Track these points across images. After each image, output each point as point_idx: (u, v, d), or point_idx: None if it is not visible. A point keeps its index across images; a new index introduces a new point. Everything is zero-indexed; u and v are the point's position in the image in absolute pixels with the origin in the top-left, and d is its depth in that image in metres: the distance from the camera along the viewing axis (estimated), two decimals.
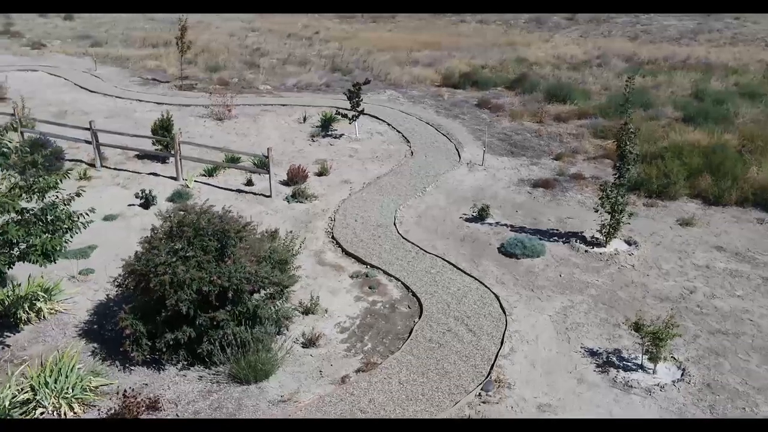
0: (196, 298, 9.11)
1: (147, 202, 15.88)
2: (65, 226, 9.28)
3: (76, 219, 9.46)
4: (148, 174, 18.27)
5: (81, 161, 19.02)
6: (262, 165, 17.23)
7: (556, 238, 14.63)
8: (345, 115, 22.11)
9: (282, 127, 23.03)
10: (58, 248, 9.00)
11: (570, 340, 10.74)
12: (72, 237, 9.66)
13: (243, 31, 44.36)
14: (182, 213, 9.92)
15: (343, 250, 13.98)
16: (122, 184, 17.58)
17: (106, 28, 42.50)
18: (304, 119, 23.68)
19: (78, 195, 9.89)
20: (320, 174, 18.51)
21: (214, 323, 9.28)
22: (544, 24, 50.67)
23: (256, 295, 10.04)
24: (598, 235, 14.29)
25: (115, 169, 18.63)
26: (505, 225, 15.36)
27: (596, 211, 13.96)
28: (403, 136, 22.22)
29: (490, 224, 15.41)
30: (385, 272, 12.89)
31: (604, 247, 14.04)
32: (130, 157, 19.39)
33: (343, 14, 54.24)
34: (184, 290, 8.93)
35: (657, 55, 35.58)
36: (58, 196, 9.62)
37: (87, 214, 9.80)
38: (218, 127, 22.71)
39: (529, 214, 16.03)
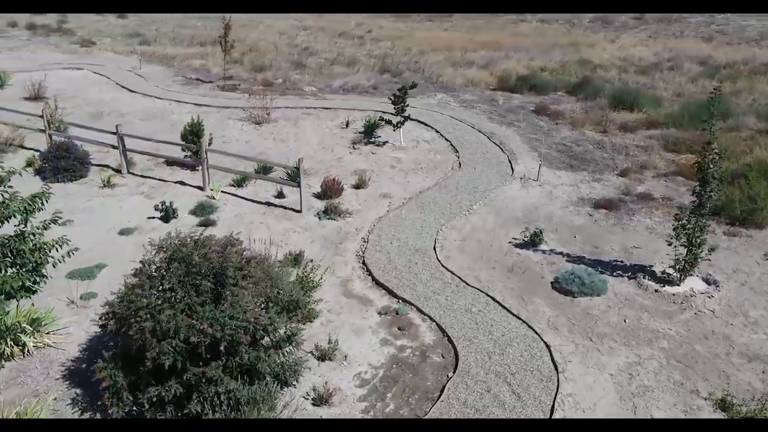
0: (185, 348, 7.66)
1: (167, 215, 14.65)
2: (33, 260, 7.96)
3: (47, 252, 8.12)
4: (176, 182, 17.10)
5: (108, 167, 18.02)
6: (294, 177, 15.79)
7: (620, 272, 12.65)
8: (389, 122, 20.51)
9: (323, 133, 21.60)
10: (23, 286, 7.70)
11: (636, 410, 8.85)
12: (44, 273, 8.32)
13: (294, 29, 43.30)
14: (176, 244, 8.45)
15: (374, 278, 12.37)
16: (146, 193, 16.44)
17: (157, 26, 42.09)
18: (347, 124, 22.20)
19: (54, 222, 8.55)
20: (357, 186, 16.97)
21: (205, 379, 7.81)
22: (610, 24, 47.84)
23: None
24: (670, 270, 12.25)
25: (141, 176, 17.54)
26: (561, 253, 13.46)
27: (669, 243, 11.91)
28: (451, 144, 20.46)
29: (544, 252, 13.53)
30: (418, 309, 11.22)
31: (678, 285, 11.99)
32: (158, 163, 18.29)
33: (398, 13, 52.63)
34: (168, 341, 7.48)
35: (735, 58, 32.63)
36: (30, 223, 8.30)
37: (60, 247, 8.39)
38: (255, 132, 21.46)
39: (588, 241, 14.07)
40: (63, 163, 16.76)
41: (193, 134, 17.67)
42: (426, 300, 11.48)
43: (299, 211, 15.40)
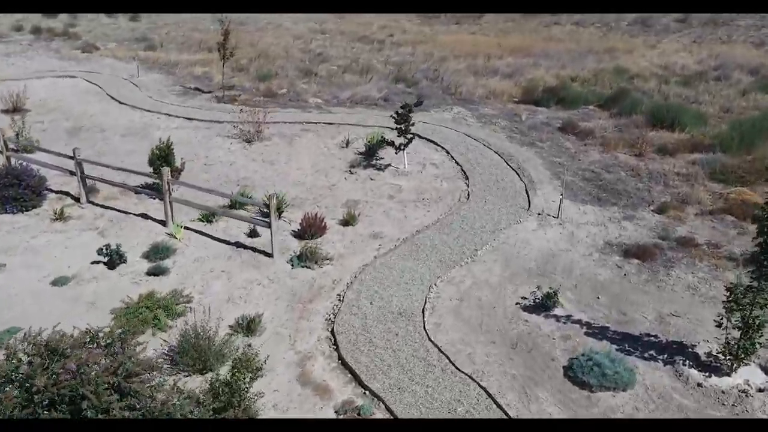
0: None
1: (112, 261, 12.46)
2: None
3: None
4: (138, 215, 14.94)
5: (68, 194, 15.97)
6: (266, 214, 13.47)
7: (653, 352, 10.01)
8: (391, 143, 18.09)
9: (319, 153, 19.26)
10: None
11: None
12: None
13: (311, 33, 41.12)
14: (14, 363, 6.12)
15: (340, 357, 9.95)
16: (101, 228, 14.30)
17: (168, 30, 40.30)
18: (347, 143, 19.82)
19: None
20: (346, 223, 14.58)
21: None
22: (651, 27, 44.48)
23: None
24: (718, 353, 9.57)
25: (102, 206, 15.43)
26: (579, 322, 10.87)
27: (719, 325, 9.23)
28: (461, 170, 17.91)
29: (558, 318, 10.95)
30: (387, 407, 8.76)
31: (729, 376, 9.32)
32: (125, 190, 16.17)
33: (425, 14, 50.10)
34: None
35: None
36: None
37: None
38: (244, 152, 19.22)
39: (615, 304, 11.43)
40: (11, 191, 14.74)
41: (161, 159, 15.52)
42: (400, 392, 9.01)
43: (270, 256, 13.08)
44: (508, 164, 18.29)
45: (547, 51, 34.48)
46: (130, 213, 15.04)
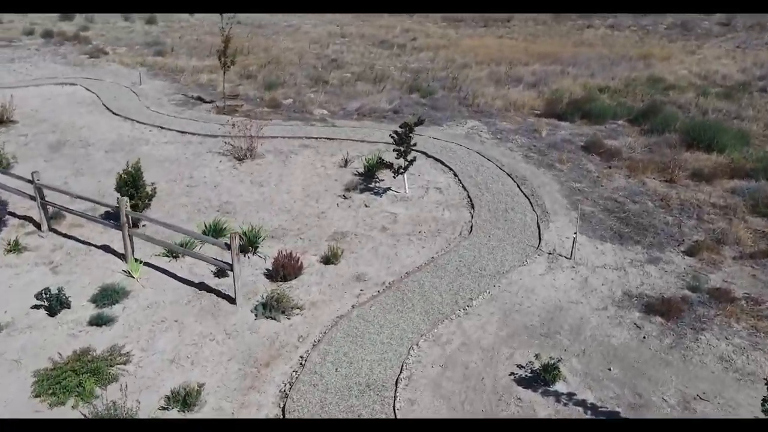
0: None
1: (52, 307, 10.97)
2: None
3: None
4: (99, 247, 13.48)
5: (32, 220, 14.59)
6: (244, 248, 11.82)
7: None
8: (389, 165, 16.36)
9: (314, 174, 17.61)
10: None
11: None
12: None
13: (331, 37, 39.53)
14: None
15: None
16: (56, 263, 12.85)
17: (182, 33, 39.13)
18: (345, 163, 18.13)
19: None
20: (327, 261, 12.89)
21: None
22: (691, 30, 41.79)
23: None
24: None
25: (65, 235, 14.01)
26: (584, 403, 8.98)
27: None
28: (468, 196, 16.07)
29: (558, 397, 9.09)
30: None
31: None
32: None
33: (450, 16, 48.16)
34: None
35: None
36: None
37: None
38: (233, 171, 17.68)
39: (629, 381, 9.49)
40: None
41: (129, 185, 14.03)
42: None
43: (234, 302, 11.46)
44: (520, 189, 16.38)
45: (577, 57, 32.32)
46: (92, 244, 13.59)
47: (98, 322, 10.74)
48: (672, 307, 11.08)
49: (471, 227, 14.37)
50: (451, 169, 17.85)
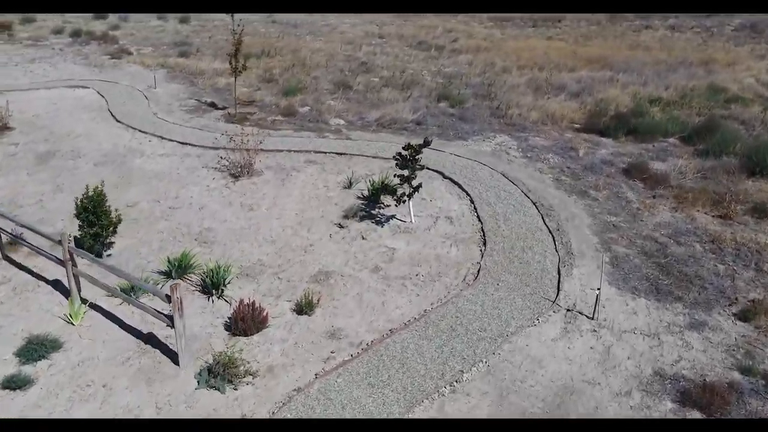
0: None
1: None
2: None
3: None
4: (50, 282, 11.92)
5: None
6: (213, 286, 10.02)
7: None
8: (392, 192, 14.31)
9: (313, 196, 15.72)
10: None
11: None
12: None
13: (367, 37, 37.62)
14: None
15: None
16: None
17: (212, 33, 37.83)
18: (350, 184, 16.17)
19: None
20: (300, 311, 10.96)
21: None
22: (761, 33, 38.06)
23: None
24: None
25: (19, 265, 12.51)
26: None
27: None
28: (482, 229, 13.90)
29: None
30: None
31: None
32: (54, 244, 13.22)
33: (497, 15, 45.58)
34: None
35: None
36: None
37: None
38: (224, 191, 15.95)
39: None
40: None
41: (89, 212, 12.39)
42: None
43: (177, 363, 9.65)
44: (544, 222, 14.10)
45: (630, 62, 29.50)
46: (44, 278, 12.04)
47: (13, 384, 9.09)
48: (715, 396, 8.70)
49: (478, 271, 12.20)
50: (468, 194, 15.68)
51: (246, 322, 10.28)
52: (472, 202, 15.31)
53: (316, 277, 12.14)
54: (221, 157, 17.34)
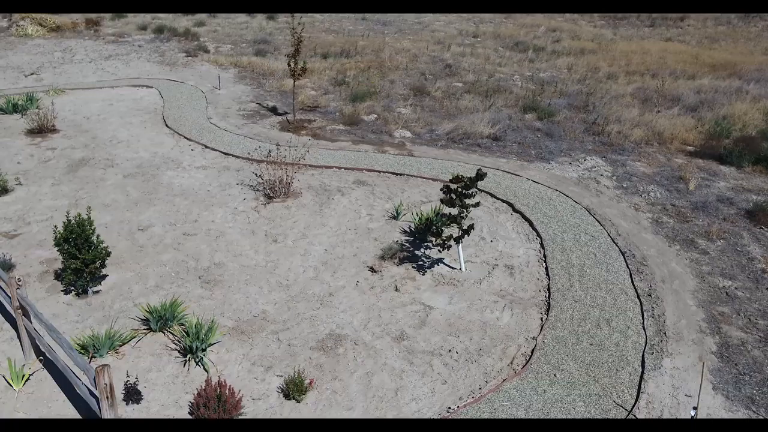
0: None
1: None
2: None
3: None
4: (9, 334, 10.12)
5: None
6: (184, 353, 7.82)
7: None
8: (437, 234, 11.53)
9: (351, 227, 13.23)
10: None
11: None
12: None
13: (461, 36, 34.65)
14: None
15: None
16: None
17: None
18: (397, 214, 13.55)
19: None
20: (287, 395, 8.50)
21: None
22: None
23: None
24: None
25: None
26: None
27: None
28: (547, 287, 10.87)
29: None
30: None
31: None
32: (30, 279, 11.52)
33: (607, 14, 41.19)
34: None
35: None
36: None
37: None
38: (252, 215, 13.77)
39: None
40: None
41: (71, 244, 10.52)
42: None
43: None
44: (632, 282, 10.88)
45: (765, 70, 24.87)
46: (7, 321, 10.26)
47: None
48: None
49: (532, 351, 9.24)
50: (539, 235, 12.66)
51: (210, 409, 7.92)
52: (542, 246, 12.28)
53: (323, 342, 9.64)
54: (256, 174, 15.21)
